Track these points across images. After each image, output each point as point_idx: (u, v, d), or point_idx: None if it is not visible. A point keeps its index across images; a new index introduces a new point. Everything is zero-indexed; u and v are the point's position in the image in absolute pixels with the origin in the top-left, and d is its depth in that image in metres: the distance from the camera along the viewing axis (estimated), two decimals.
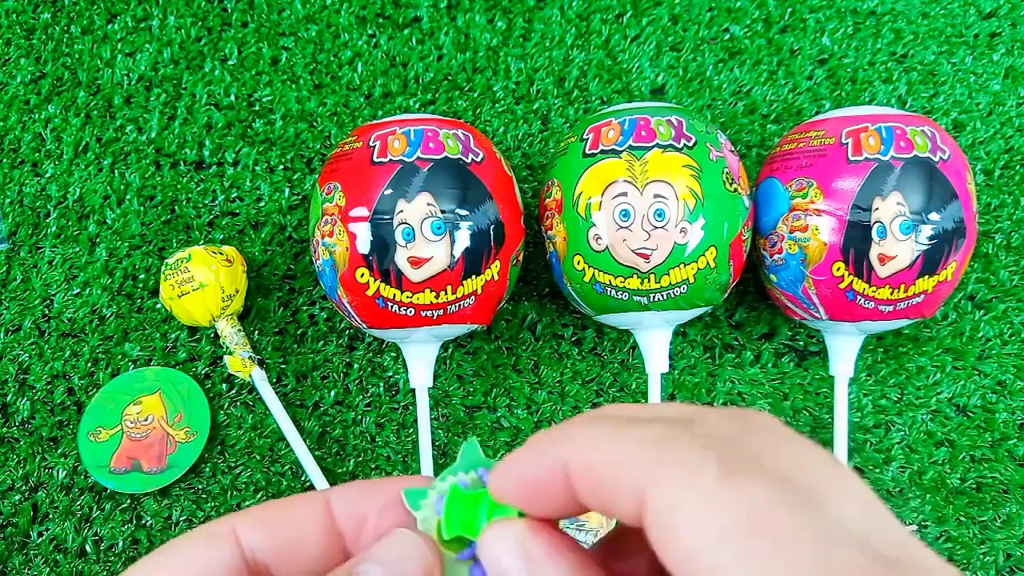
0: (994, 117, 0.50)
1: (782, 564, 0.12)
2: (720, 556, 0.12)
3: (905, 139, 0.38)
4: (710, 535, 0.12)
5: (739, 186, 0.40)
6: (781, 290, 0.41)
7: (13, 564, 0.43)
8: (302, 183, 0.49)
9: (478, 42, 0.52)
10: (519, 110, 0.50)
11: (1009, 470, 0.44)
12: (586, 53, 0.52)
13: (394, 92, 0.51)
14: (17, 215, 0.49)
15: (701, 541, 0.13)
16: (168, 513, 0.44)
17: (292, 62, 0.51)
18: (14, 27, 0.52)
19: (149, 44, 0.52)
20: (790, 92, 0.51)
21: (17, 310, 0.47)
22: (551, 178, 0.41)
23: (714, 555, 0.12)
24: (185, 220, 0.48)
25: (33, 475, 0.44)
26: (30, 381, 0.46)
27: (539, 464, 0.16)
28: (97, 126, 0.50)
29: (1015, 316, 0.47)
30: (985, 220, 0.48)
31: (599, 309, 0.41)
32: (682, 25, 0.52)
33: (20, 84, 0.51)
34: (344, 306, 0.40)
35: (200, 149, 0.50)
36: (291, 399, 0.46)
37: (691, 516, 0.13)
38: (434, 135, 0.39)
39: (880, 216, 0.37)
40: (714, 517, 0.13)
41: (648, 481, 0.14)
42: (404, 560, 0.17)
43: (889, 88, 0.51)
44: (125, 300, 0.47)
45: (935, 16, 0.52)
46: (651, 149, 0.38)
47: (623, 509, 0.14)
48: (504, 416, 0.46)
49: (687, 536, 0.13)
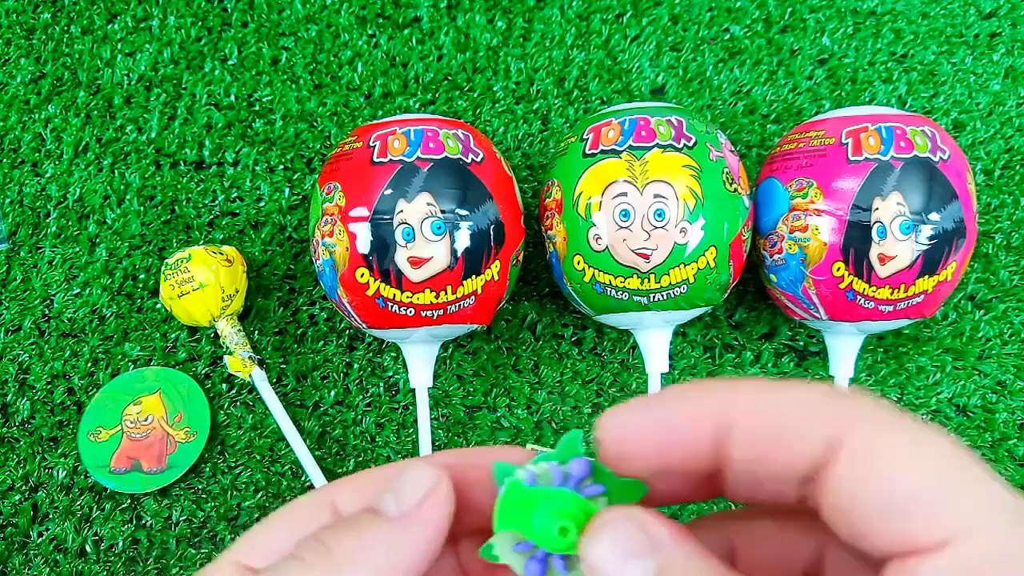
0: (994, 117, 0.50)
1: (985, 496, 0.13)
2: (927, 482, 0.13)
3: (905, 139, 0.38)
4: (915, 468, 0.13)
5: (739, 186, 0.40)
6: (781, 290, 0.41)
7: (13, 564, 0.43)
8: (302, 183, 0.49)
9: (478, 42, 0.52)
10: (519, 110, 0.50)
11: (1009, 470, 0.44)
12: (586, 53, 0.52)
13: (394, 92, 0.51)
14: (17, 215, 0.49)
15: (906, 473, 0.13)
16: (168, 513, 0.44)
17: (292, 62, 0.51)
18: (14, 27, 0.52)
19: (149, 44, 0.52)
20: (790, 92, 0.51)
21: (17, 310, 0.47)
22: (551, 178, 0.41)
23: (920, 482, 0.13)
24: (185, 220, 0.48)
25: (33, 475, 0.44)
26: (30, 381, 0.46)
27: (686, 412, 0.16)
28: (97, 126, 0.50)
29: (1015, 316, 0.47)
30: (985, 220, 0.48)
31: (599, 309, 0.41)
32: (682, 25, 0.52)
33: (20, 84, 0.51)
34: (344, 306, 0.40)
35: (200, 149, 0.50)
36: (291, 399, 0.46)
37: (897, 452, 0.14)
38: (434, 135, 0.39)
39: (880, 216, 0.37)
40: (920, 452, 0.14)
41: (845, 425, 0.14)
42: (416, 488, 0.17)
43: (889, 88, 0.51)
44: (125, 300, 0.47)
45: (935, 16, 0.52)
46: (651, 149, 0.38)
47: (795, 459, 0.15)
48: (504, 416, 0.46)
49: (890, 471, 0.13)
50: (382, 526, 0.17)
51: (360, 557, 0.16)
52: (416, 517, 0.17)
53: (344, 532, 0.17)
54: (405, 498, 0.17)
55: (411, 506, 0.17)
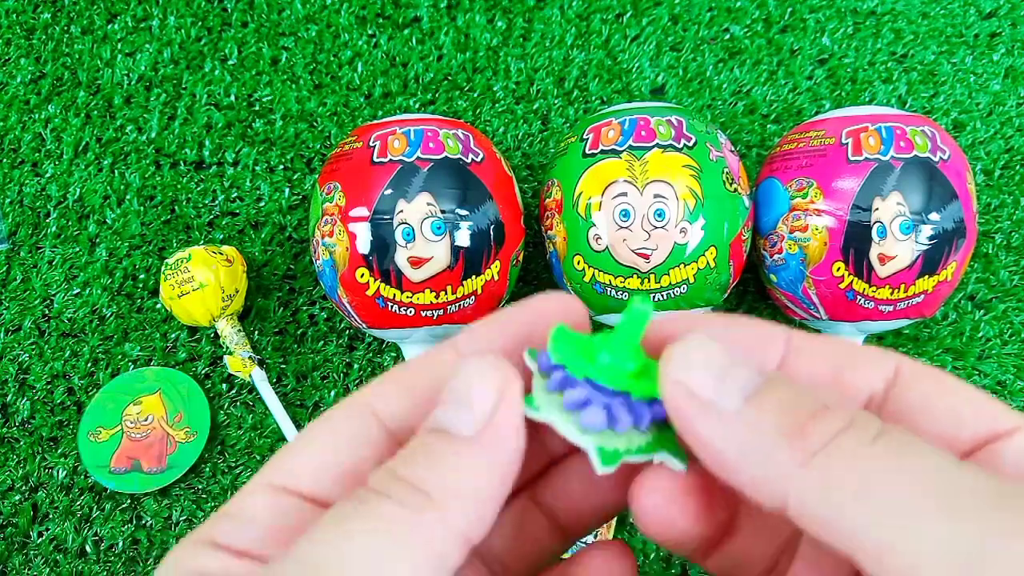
0: (994, 117, 0.50)
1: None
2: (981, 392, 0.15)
3: (905, 139, 0.38)
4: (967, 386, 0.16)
5: (739, 186, 0.40)
6: (781, 290, 0.41)
7: (13, 564, 0.43)
8: (302, 183, 0.49)
9: (478, 42, 0.52)
10: (519, 110, 0.50)
11: None
12: (586, 53, 0.52)
13: (394, 92, 0.51)
14: (17, 215, 0.49)
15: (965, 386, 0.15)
16: (168, 513, 0.44)
17: (292, 62, 0.51)
18: (14, 27, 0.52)
19: (149, 44, 0.52)
20: (790, 92, 0.51)
21: (17, 310, 0.47)
22: (551, 178, 0.41)
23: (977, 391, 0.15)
24: (185, 220, 0.48)
25: (33, 475, 0.44)
26: (30, 381, 0.46)
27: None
28: (97, 126, 0.50)
29: (1015, 316, 0.47)
30: (985, 220, 0.48)
31: (599, 309, 0.41)
32: (682, 25, 0.52)
33: (20, 84, 0.51)
34: (344, 306, 0.40)
35: (200, 149, 0.50)
36: (291, 399, 0.46)
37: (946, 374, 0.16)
38: (434, 135, 0.39)
39: (880, 216, 0.37)
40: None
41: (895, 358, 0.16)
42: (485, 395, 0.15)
43: (889, 88, 0.51)
44: (125, 300, 0.47)
45: (935, 16, 0.52)
46: (651, 149, 0.38)
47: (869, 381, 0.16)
48: None
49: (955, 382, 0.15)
50: (463, 452, 0.14)
51: (451, 496, 0.14)
52: (496, 434, 0.14)
53: (422, 464, 0.14)
54: (476, 411, 0.15)
55: (485, 420, 0.14)
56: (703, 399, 0.14)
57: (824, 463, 0.13)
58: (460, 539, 0.14)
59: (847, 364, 0.16)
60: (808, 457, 0.13)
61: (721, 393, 0.14)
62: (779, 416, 0.14)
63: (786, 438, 0.13)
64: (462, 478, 0.14)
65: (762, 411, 0.14)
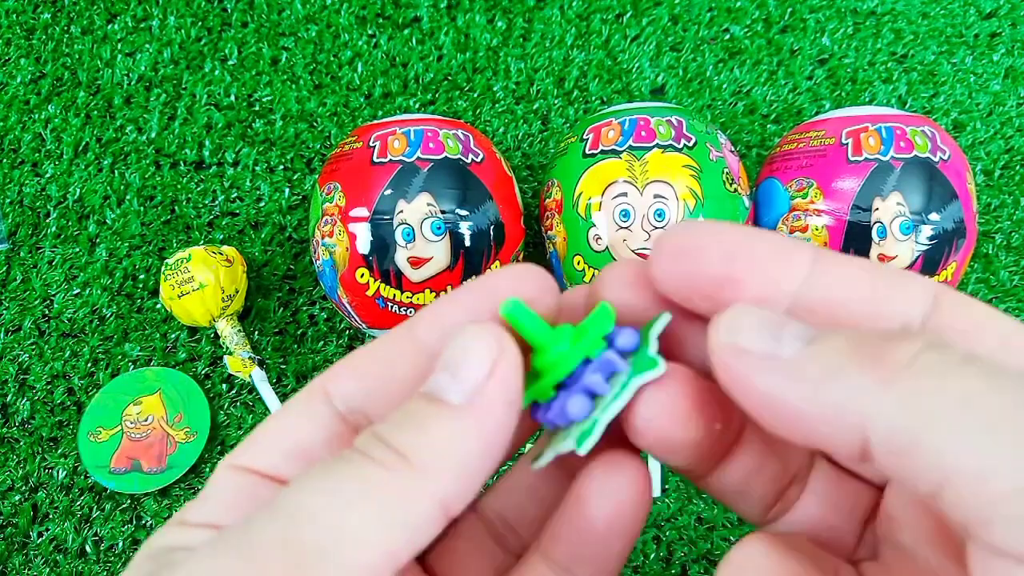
0: (994, 117, 0.50)
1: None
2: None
3: (905, 139, 0.38)
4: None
5: (739, 186, 0.40)
6: None
7: (13, 564, 0.43)
8: (302, 183, 0.49)
9: (478, 42, 0.52)
10: (519, 110, 0.50)
11: None
12: (586, 53, 0.52)
13: (394, 92, 0.51)
14: (17, 215, 0.49)
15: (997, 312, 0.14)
16: (168, 513, 0.44)
17: (292, 62, 0.51)
18: (14, 27, 0.52)
19: (149, 44, 0.52)
20: (790, 92, 0.51)
21: (17, 310, 0.47)
22: (551, 178, 0.41)
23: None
24: (185, 220, 0.48)
25: (33, 475, 0.44)
26: (30, 381, 0.46)
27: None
28: (97, 126, 0.50)
29: (1015, 316, 0.47)
30: (985, 220, 0.48)
31: None
32: (682, 25, 0.52)
33: (20, 84, 0.51)
34: (344, 306, 0.40)
35: (200, 149, 0.50)
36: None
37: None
38: (434, 135, 0.39)
39: (880, 216, 0.37)
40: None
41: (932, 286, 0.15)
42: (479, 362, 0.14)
43: (889, 88, 0.51)
44: (125, 300, 0.47)
45: (935, 16, 0.52)
46: (651, 149, 0.38)
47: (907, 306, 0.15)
48: None
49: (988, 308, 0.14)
50: (449, 419, 0.14)
51: (431, 461, 0.13)
52: (485, 405, 0.14)
53: (407, 428, 0.14)
54: (466, 379, 0.14)
55: (475, 389, 0.14)
56: (759, 353, 0.13)
57: (911, 382, 0.12)
58: (436, 505, 0.13)
59: (881, 288, 0.14)
60: (892, 374, 0.12)
61: (779, 344, 0.13)
62: (850, 345, 0.13)
63: (864, 359, 0.12)
64: (445, 445, 0.14)
65: (829, 346, 0.13)
